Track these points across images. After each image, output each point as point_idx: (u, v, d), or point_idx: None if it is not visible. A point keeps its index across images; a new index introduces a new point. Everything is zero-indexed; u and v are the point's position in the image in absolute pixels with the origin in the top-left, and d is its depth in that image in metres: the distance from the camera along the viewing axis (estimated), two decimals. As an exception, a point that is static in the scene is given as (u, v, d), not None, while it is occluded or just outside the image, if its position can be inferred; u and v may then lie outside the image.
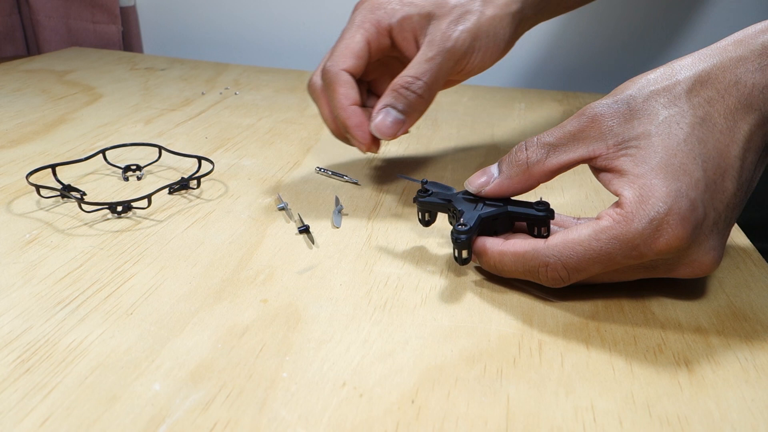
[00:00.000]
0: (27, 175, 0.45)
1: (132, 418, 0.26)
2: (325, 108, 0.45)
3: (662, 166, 0.30)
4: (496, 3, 0.44)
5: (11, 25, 0.98)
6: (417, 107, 0.42)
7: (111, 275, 0.36)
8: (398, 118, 0.41)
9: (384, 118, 0.41)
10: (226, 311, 0.33)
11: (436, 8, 0.42)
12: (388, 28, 0.43)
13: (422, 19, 0.42)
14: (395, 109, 0.41)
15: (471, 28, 0.42)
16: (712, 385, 0.29)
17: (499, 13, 0.43)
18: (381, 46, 0.43)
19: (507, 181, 0.35)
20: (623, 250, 0.30)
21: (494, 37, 0.43)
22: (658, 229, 0.29)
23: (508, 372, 0.29)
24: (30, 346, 0.30)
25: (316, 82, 0.45)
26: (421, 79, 0.41)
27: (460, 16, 0.42)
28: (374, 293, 0.35)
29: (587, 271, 0.32)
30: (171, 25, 1.01)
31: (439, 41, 0.41)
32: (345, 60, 0.42)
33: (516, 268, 0.34)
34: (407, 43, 0.44)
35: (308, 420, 0.26)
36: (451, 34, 0.42)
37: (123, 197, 0.46)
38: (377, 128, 0.41)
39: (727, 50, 0.32)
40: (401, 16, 0.42)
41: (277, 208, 0.41)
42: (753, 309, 0.35)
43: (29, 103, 0.67)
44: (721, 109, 0.31)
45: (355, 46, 0.42)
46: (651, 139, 0.31)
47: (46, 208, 0.43)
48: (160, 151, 0.52)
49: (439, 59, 0.41)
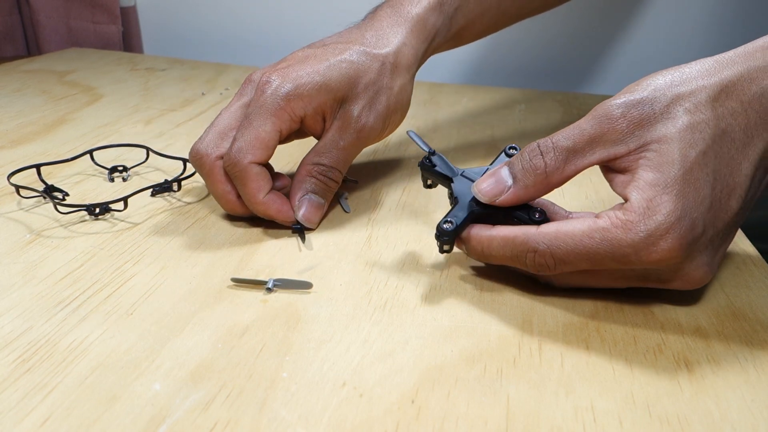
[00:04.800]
0: (9, 176, 0.45)
1: (132, 418, 0.26)
2: (219, 183, 0.41)
3: (676, 179, 0.29)
4: (402, 70, 0.44)
5: (11, 25, 0.98)
6: (333, 190, 0.43)
7: (111, 275, 0.36)
8: (321, 203, 0.42)
9: (309, 207, 0.41)
10: (226, 311, 0.33)
11: (348, 92, 0.42)
12: (302, 115, 0.41)
13: (335, 104, 0.42)
14: (317, 195, 0.42)
15: (383, 110, 0.43)
16: (712, 385, 0.29)
17: (405, 80, 0.45)
18: (291, 130, 0.42)
19: (524, 191, 0.33)
20: (613, 255, 0.30)
21: (402, 108, 0.45)
22: (654, 244, 0.29)
23: (508, 372, 0.29)
24: (30, 346, 0.30)
25: (207, 157, 0.40)
26: (336, 168, 0.42)
27: (372, 99, 0.42)
28: (374, 293, 0.35)
29: (573, 265, 0.31)
30: (171, 25, 1.01)
31: (352, 129, 0.42)
32: (254, 152, 0.39)
33: (504, 253, 0.33)
34: (316, 125, 0.42)
35: (308, 420, 0.26)
36: (365, 122, 0.42)
37: (105, 198, 0.45)
38: (306, 219, 0.41)
39: (755, 57, 0.31)
40: (317, 104, 0.41)
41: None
42: (753, 309, 0.35)
43: (29, 103, 0.67)
44: (742, 123, 0.30)
45: (265, 136, 0.40)
46: (671, 145, 0.30)
47: (45, 208, 0.43)
48: (148, 153, 0.52)
49: (351, 147, 0.42)
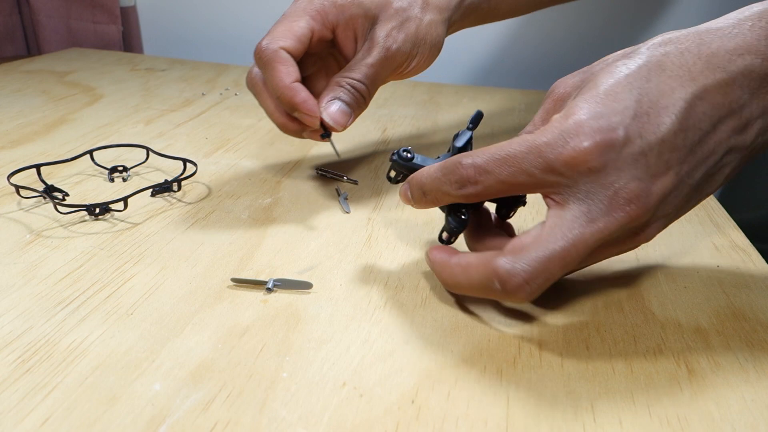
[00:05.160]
0: (9, 176, 0.45)
1: (132, 418, 0.26)
2: (267, 98, 0.43)
3: (596, 93, 0.30)
4: (432, 9, 0.46)
5: (11, 25, 0.98)
6: (360, 105, 0.43)
7: (111, 275, 0.36)
8: (347, 110, 0.42)
9: (336, 109, 0.42)
10: (227, 311, 0.33)
11: (380, 12, 0.43)
12: (335, 23, 0.43)
13: (366, 22, 0.43)
14: (343, 101, 0.42)
15: (411, 35, 0.44)
16: (712, 385, 0.29)
17: (435, 18, 0.46)
18: (323, 38, 0.43)
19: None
20: (531, 156, 0.30)
21: (431, 42, 0.46)
22: (567, 140, 0.29)
23: (508, 372, 0.29)
24: (30, 346, 0.30)
25: (256, 74, 0.44)
26: (364, 82, 0.43)
27: (402, 23, 0.44)
28: (374, 293, 0.35)
29: (494, 175, 0.31)
30: (171, 25, 1.01)
31: (381, 46, 0.43)
32: (284, 39, 0.40)
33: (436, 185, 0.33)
34: (348, 42, 0.44)
35: (308, 420, 0.26)
36: (393, 41, 0.43)
37: (105, 198, 0.45)
38: (331, 116, 0.41)
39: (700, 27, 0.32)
40: (349, 15, 0.43)
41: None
42: (753, 309, 0.35)
43: (30, 103, 0.67)
44: (676, 60, 0.30)
45: (297, 29, 0.41)
46: (595, 78, 0.31)
47: (45, 209, 0.43)
48: (148, 153, 0.52)
49: (380, 64, 0.43)
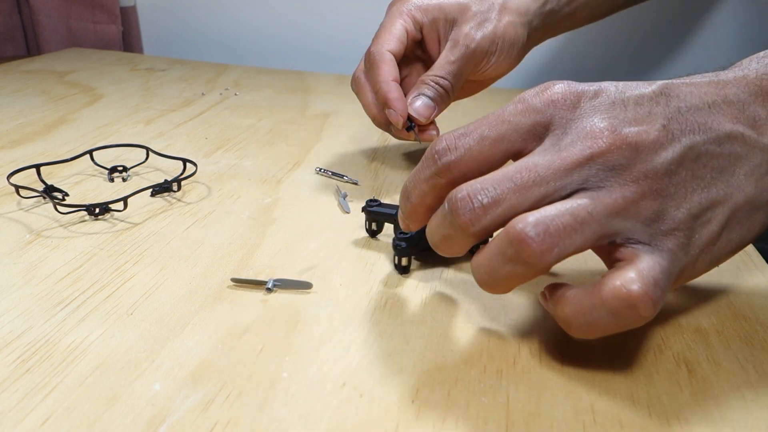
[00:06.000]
0: (8, 176, 0.45)
1: (132, 418, 0.26)
2: (368, 93, 0.49)
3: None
4: (510, 12, 0.50)
5: (11, 25, 0.98)
6: (444, 99, 0.48)
7: (111, 275, 0.36)
8: (430, 104, 0.48)
9: (421, 103, 0.47)
10: (226, 311, 0.33)
11: (459, 15, 0.49)
12: (422, 24, 0.49)
13: (447, 24, 0.49)
14: (427, 96, 0.47)
15: (489, 33, 0.49)
16: (712, 385, 0.29)
17: (513, 20, 0.50)
18: (414, 38, 0.49)
19: None
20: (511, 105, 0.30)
21: (509, 41, 0.50)
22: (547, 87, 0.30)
23: (508, 372, 0.29)
24: (30, 346, 0.30)
25: (360, 75, 0.50)
26: (447, 78, 0.48)
27: (480, 23, 0.49)
28: (374, 293, 0.35)
29: (473, 134, 0.30)
30: (171, 25, 1.01)
31: (461, 45, 0.48)
32: (388, 43, 0.48)
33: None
34: (433, 43, 0.50)
35: (308, 420, 0.26)
36: (471, 39, 0.48)
37: (105, 198, 0.45)
38: (416, 110, 0.47)
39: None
40: (432, 18, 0.49)
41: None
42: (753, 309, 0.35)
43: (30, 103, 0.67)
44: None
45: (396, 32, 0.48)
46: None
47: (45, 208, 0.43)
48: (148, 153, 0.52)
49: (460, 61, 0.48)
